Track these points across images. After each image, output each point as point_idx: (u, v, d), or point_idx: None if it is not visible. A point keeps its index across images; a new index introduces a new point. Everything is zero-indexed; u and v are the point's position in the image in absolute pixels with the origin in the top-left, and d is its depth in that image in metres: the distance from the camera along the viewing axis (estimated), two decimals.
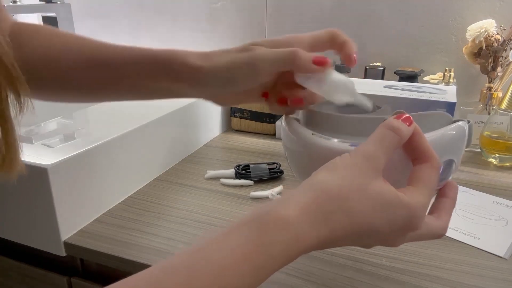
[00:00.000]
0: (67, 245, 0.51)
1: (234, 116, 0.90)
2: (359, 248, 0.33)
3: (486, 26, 0.75)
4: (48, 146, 0.55)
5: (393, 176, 0.31)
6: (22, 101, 0.31)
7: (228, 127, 0.92)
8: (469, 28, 0.78)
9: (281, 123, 0.44)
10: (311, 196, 0.27)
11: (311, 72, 0.37)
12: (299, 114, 0.44)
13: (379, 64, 0.85)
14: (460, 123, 0.37)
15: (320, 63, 0.36)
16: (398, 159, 0.33)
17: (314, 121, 0.41)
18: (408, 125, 0.31)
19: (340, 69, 0.83)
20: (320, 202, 0.27)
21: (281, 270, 0.26)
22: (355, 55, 0.41)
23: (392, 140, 0.30)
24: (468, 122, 0.38)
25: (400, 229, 0.30)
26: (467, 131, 0.37)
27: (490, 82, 0.78)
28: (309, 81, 0.38)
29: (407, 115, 0.32)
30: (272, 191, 0.61)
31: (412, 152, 0.32)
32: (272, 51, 0.37)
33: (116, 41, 0.42)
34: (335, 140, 0.37)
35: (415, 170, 0.32)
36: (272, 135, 0.88)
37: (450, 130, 0.36)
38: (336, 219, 0.27)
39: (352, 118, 0.41)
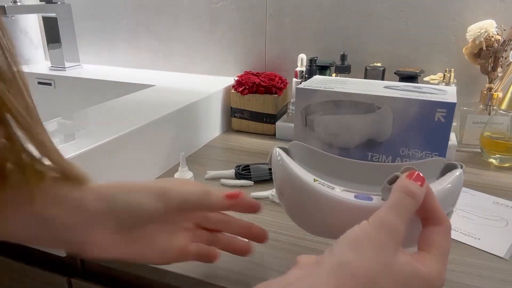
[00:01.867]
0: None
1: (235, 117, 0.90)
2: None
3: (486, 27, 0.75)
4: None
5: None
6: None
7: (228, 128, 0.92)
8: (469, 28, 0.78)
9: (273, 160, 0.41)
10: (336, 283, 0.26)
11: (226, 209, 0.37)
12: (292, 145, 0.44)
13: (379, 64, 0.84)
14: (457, 173, 0.37)
15: (234, 196, 0.37)
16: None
17: (309, 159, 0.40)
18: (421, 185, 0.31)
19: (340, 69, 0.83)
20: (346, 285, 0.26)
21: (280, 270, 0.26)
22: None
23: (411, 207, 0.30)
24: (461, 166, 0.38)
25: None
26: (463, 178, 0.37)
27: (490, 82, 0.78)
28: None
29: (417, 172, 0.31)
30: (272, 191, 0.61)
31: (423, 212, 0.32)
32: (188, 188, 0.37)
33: (116, 41, 0.42)
34: (338, 189, 0.36)
35: (427, 233, 0.32)
36: (273, 135, 0.88)
37: (449, 183, 0.36)
38: None
39: (352, 163, 0.42)
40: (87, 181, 0.35)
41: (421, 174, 0.31)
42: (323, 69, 0.85)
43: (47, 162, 0.31)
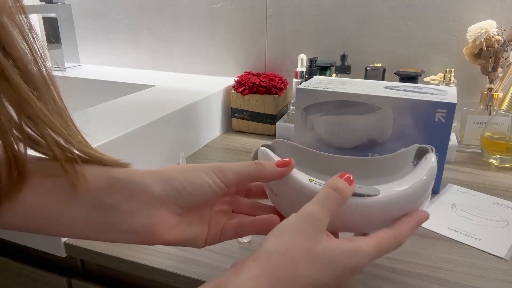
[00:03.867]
0: (67, 245, 0.51)
1: (235, 117, 0.90)
2: None
3: (486, 27, 0.75)
4: None
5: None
6: None
7: (228, 128, 0.92)
8: (469, 28, 0.78)
9: (260, 159, 0.42)
10: (261, 266, 0.29)
11: (278, 177, 0.38)
12: (276, 143, 0.44)
13: (379, 64, 0.84)
14: (432, 165, 0.39)
15: (285, 164, 0.38)
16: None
17: (293, 156, 0.40)
18: (350, 185, 0.35)
19: (340, 69, 0.83)
20: (271, 271, 0.29)
21: None
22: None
23: (335, 200, 0.34)
24: (433, 150, 0.41)
25: (347, 275, 0.33)
26: (436, 166, 0.40)
27: (490, 83, 0.78)
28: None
29: (348, 174, 0.35)
30: None
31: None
32: (238, 163, 0.37)
33: (116, 41, 0.42)
34: None
35: (383, 230, 0.36)
36: (273, 135, 0.87)
37: (425, 175, 0.38)
38: (286, 286, 0.30)
39: (336, 158, 0.43)
40: (130, 165, 0.35)
41: (351, 177, 0.35)
42: (323, 70, 0.85)
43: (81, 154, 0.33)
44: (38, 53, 0.29)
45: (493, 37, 0.76)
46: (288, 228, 0.32)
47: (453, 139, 0.74)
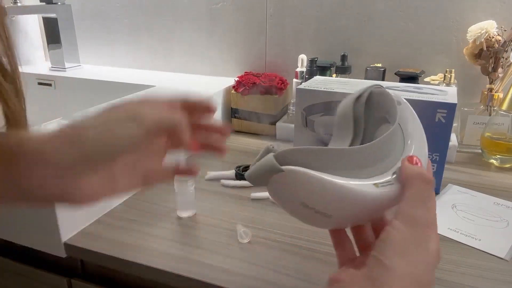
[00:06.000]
0: (67, 246, 0.51)
1: (235, 117, 0.90)
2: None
3: (487, 27, 0.75)
4: None
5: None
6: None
7: None
8: (469, 29, 0.78)
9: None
10: None
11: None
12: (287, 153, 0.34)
13: (379, 65, 0.84)
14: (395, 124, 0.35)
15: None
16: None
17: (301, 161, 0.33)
18: (421, 165, 0.32)
19: (340, 70, 0.83)
20: None
21: (279, 271, 0.26)
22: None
23: (430, 193, 0.31)
24: (400, 104, 0.38)
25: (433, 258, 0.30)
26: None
27: (491, 83, 0.78)
28: None
29: (415, 157, 0.33)
30: None
31: None
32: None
33: (116, 41, 0.42)
34: (365, 181, 0.33)
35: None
36: (273, 136, 0.87)
37: (389, 135, 0.34)
38: None
39: (338, 151, 0.34)
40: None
41: (415, 158, 0.32)
42: (323, 70, 0.85)
43: None
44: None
45: (493, 37, 0.76)
46: (406, 242, 0.29)
47: (453, 139, 0.74)
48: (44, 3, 1.08)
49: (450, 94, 0.60)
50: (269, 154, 0.33)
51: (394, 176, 0.33)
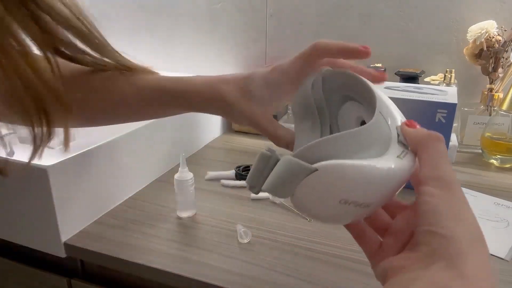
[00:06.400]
0: (67, 246, 0.50)
1: None
2: (360, 249, 0.33)
3: (487, 27, 0.75)
4: (48, 147, 0.55)
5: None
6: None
7: (228, 128, 0.92)
8: (470, 29, 0.78)
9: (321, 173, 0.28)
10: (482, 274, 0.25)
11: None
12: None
13: (379, 65, 0.84)
14: (377, 117, 0.32)
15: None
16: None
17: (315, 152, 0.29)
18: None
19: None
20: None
21: (279, 271, 0.26)
22: (361, 48, 0.40)
23: (445, 148, 0.30)
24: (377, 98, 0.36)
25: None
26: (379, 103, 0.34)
27: (491, 83, 0.78)
28: None
29: (411, 120, 0.32)
30: None
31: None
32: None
33: (116, 41, 0.43)
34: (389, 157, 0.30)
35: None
36: None
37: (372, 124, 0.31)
38: None
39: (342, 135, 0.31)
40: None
41: (412, 120, 0.32)
42: None
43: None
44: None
45: (493, 37, 0.76)
46: (457, 210, 0.27)
47: (453, 139, 0.74)
48: None
49: (450, 94, 0.60)
50: (284, 158, 0.29)
51: (403, 144, 0.31)
